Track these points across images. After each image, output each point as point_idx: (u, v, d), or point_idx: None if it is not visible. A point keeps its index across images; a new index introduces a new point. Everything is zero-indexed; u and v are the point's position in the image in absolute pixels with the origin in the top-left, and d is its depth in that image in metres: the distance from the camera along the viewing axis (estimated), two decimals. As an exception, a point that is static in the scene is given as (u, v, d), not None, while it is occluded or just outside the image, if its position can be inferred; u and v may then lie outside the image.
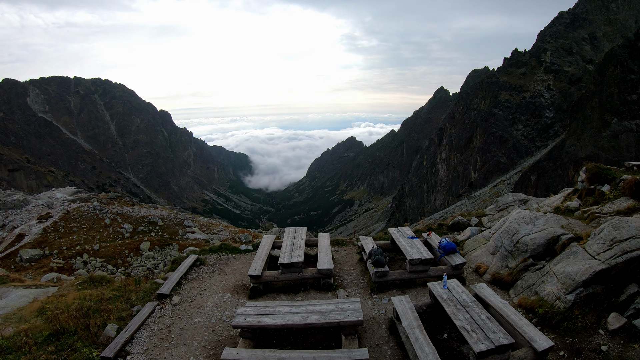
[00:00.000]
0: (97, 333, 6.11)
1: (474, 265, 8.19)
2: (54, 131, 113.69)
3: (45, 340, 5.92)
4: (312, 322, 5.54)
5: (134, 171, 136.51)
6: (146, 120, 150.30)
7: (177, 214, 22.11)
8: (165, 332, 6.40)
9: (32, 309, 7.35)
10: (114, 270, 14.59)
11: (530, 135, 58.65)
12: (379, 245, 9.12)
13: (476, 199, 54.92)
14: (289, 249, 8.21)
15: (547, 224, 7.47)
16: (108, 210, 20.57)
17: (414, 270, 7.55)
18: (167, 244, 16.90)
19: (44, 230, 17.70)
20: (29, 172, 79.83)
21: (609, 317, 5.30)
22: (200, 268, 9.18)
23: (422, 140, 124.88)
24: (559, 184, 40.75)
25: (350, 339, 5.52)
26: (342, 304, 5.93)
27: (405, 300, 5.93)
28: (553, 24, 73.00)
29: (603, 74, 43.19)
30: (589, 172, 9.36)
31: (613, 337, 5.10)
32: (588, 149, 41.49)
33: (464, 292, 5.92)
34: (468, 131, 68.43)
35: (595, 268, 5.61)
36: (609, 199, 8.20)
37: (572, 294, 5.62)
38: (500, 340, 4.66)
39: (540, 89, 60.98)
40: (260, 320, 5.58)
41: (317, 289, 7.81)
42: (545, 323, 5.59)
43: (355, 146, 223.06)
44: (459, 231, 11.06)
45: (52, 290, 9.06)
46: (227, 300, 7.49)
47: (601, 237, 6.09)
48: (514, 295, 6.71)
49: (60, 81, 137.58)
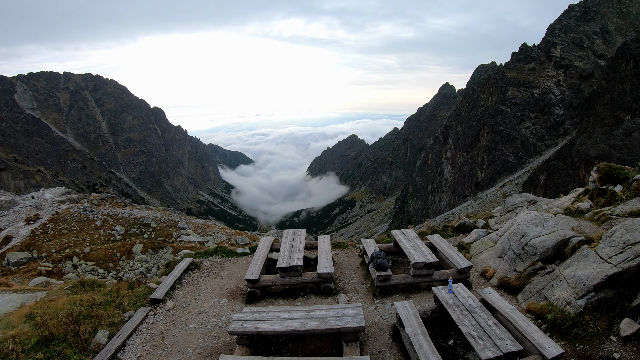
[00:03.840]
0: (88, 340, 6.11)
1: (481, 269, 8.19)
2: (43, 129, 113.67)
3: (33, 347, 5.92)
4: (311, 328, 5.54)
5: (126, 171, 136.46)
6: (139, 117, 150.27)
7: (171, 215, 22.10)
8: (159, 339, 6.40)
9: (20, 314, 7.34)
10: (105, 274, 14.59)
11: (540, 134, 58.62)
12: (381, 248, 9.12)
13: (483, 199, 54.92)
14: (288, 252, 8.21)
15: (556, 225, 7.47)
16: (99, 211, 20.57)
17: (418, 274, 7.55)
18: (161, 247, 16.89)
19: (32, 233, 17.70)
20: (17, 171, 79.81)
21: (622, 323, 5.29)
22: (195, 272, 9.18)
23: (426, 138, 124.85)
24: (569, 184, 40.74)
25: (352, 346, 5.52)
26: (343, 309, 5.93)
27: (409, 305, 5.93)
28: (563, 17, 72.91)
29: (615, 70, 43.15)
30: (601, 172, 9.36)
31: (625, 343, 5.09)
32: (599, 148, 41.47)
33: (470, 297, 5.92)
34: (474, 129, 68.41)
35: (607, 272, 5.61)
36: (621, 200, 8.19)
37: (582, 299, 5.62)
38: (508, 347, 4.66)
39: (549, 85, 60.96)
40: (258, 327, 5.58)
41: (317, 293, 7.81)
42: (555, 329, 5.59)
43: (357, 144, 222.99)
44: (465, 233, 11.06)
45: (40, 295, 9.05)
46: (223, 306, 7.50)
47: (613, 239, 6.09)
48: (522, 300, 6.71)
49: (49, 77, 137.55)
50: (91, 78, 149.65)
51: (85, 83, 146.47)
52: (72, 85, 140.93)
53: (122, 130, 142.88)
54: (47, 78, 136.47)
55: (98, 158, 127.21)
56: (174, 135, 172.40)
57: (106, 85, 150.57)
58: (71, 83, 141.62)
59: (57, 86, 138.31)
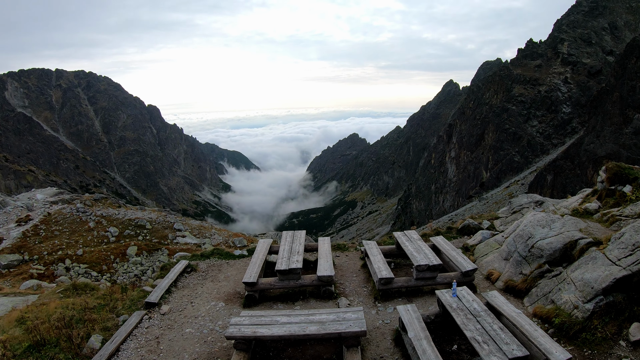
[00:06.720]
0: (81, 344, 6.11)
1: (486, 271, 8.19)
2: (34, 127, 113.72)
3: (24, 352, 5.92)
4: (311, 332, 5.54)
5: (120, 171, 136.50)
6: (133, 115, 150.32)
7: (166, 216, 22.12)
8: (154, 344, 6.40)
9: (11, 318, 7.34)
10: (98, 277, 14.60)
11: (546, 132, 58.64)
12: (383, 250, 9.12)
13: (488, 200, 54.93)
14: (287, 255, 8.21)
15: (564, 227, 7.48)
16: (92, 212, 20.57)
17: (421, 277, 7.55)
18: (156, 249, 16.91)
19: (24, 234, 17.70)
20: (7, 171, 79.82)
21: (631, 327, 5.29)
22: (192, 275, 9.19)
23: (429, 137, 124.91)
24: (577, 184, 40.75)
25: (353, 351, 5.52)
26: (344, 313, 5.93)
27: (412, 309, 5.93)
28: (570, 12, 72.95)
29: (624, 66, 43.16)
30: (609, 172, 9.36)
31: (635, 348, 5.09)
32: (608, 147, 41.47)
33: (474, 300, 5.92)
34: (479, 128, 68.43)
35: (616, 275, 5.61)
36: (630, 201, 8.19)
37: (591, 303, 5.62)
38: (514, 352, 4.66)
39: (556, 83, 60.99)
40: (256, 331, 5.58)
41: (317, 297, 7.82)
42: (562, 334, 5.59)
43: (358, 143, 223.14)
44: (470, 235, 11.07)
45: (32, 299, 9.05)
46: (220, 310, 7.50)
47: (622, 241, 6.09)
48: (528, 304, 6.71)
49: (41, 73, 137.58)
50: (84, 75, 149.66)
51: (78, 80, 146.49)
52: (65, 83, 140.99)
53: (116, 129, 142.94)
54: (39, 75, 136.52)
55: (91, 157, 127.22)
56: (170, 134, 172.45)
57: (99, 82, 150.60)
58: (63, 80, 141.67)
59: (49, 83, 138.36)
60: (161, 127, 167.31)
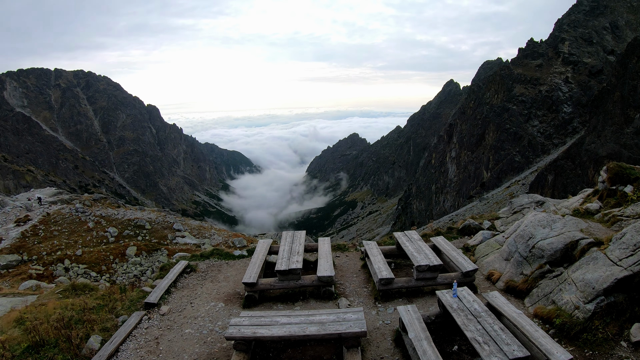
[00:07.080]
0: (80, 345, 6.11)
1: (486, 272, 8.19)
2: (33, 127, 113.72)
3: (23, 352, 5.92)
4: (311, 333, 5.54)
5: (119, 171, 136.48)
6: (132, 115, 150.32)
7: (165, 216, 22.12)
8: (153, 344, 6.40)
9: (10, 319, 7.34)
10: (97, 278, 14.61)
11: (547, 132, 58.64)
12: (383, 250, 9.12)
13: (488, 200, 54.93)
14: (287, 255, 8.21)
15: (565, 227, 7.48)
16: (91, 212, 20.57)
17: (421, 277, 7.55)
18: (155, 249, 16.92)
19: (23, 235, 17.71)
20: (6, 171, 79.82)
21: (632, 327, 5.29)
22: (191, 275, 9.19)
23: (430, 137, 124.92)
24: (578, 184, 40.76)
25: (353, 352, 5.52)
26: (344, 313, 5.94)
27: (412, 309, 5.93)
28: (571, 11, 72.94)
29: (625, 66, 43.16)
30: (611, 172, 9.36)
31: (636, 349, 5.09)
32: (609, 147, 41.47)
33: (475, 301, 5.92)
34: (480, 127, 68.43)
35: (617, 275, 5.61)
36: (631, 201, 8.20)
37: (592, 303, 5.62)
38: (515, 353, 4.66)
39: (557, 82, 60.98)
40: (256, 332, 5.58)
41: (317, 297, 7.82)
42: (563, 334, 5.59)
43: (358, 143, 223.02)
44: (470, 235, 11.07)
45: (31, 299, 9.06)
46: (220, 310, 7.50)
47: (623, 241, 6.09)
48: (529, 304, 6.71)
49: (40, 73, 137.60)
50: (83, 75, 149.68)
51: (77, 80, 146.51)
52: (64, 82, 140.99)
53: (115, 129, 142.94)
54: (38, 75, 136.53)
55: (90, 157, 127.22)
56: (169, 134, 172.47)
57: (99, 82, 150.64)
58: (62, 80, 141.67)
59: (48, 83, 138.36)
60: (160, 127, 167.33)
